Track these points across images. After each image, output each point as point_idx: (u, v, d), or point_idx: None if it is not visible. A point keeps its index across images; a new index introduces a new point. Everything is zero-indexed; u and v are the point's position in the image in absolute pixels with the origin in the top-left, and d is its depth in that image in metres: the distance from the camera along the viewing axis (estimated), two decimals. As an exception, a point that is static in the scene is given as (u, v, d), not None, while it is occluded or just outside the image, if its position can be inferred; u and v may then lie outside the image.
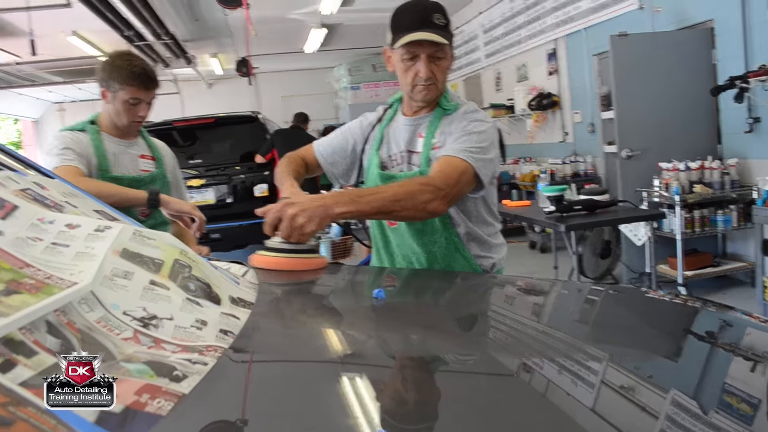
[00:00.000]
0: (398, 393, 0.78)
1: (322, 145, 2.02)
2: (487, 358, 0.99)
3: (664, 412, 0.77)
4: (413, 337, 1.03)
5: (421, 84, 1.76)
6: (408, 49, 1.72)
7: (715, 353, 1.06)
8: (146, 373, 0.67)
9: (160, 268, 0.92)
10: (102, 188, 2.09)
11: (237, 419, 0.67)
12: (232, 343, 0.81)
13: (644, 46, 5.49)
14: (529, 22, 8.32)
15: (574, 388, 0.85)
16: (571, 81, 7.62)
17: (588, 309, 1.41)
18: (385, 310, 1.17)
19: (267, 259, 1.42)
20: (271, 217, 1.43)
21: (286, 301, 1.26)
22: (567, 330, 1.20)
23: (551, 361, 0.95)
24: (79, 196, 1.29)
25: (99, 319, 0.76)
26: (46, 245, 0.87)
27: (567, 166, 7.26)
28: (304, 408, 0.69)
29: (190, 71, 12.94)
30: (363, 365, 0.86)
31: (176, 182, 2.60)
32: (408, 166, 1.85)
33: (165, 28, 8.94)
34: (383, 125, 1.93)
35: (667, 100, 5.44)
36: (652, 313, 1.31)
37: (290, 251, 1.42)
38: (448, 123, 1.81)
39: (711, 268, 5.21)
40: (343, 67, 13.81)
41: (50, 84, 12.78)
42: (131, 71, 2.26)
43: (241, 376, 0.77)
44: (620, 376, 0.90)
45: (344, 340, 0.98)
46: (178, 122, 7.67)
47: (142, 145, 2.48)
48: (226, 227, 6.96)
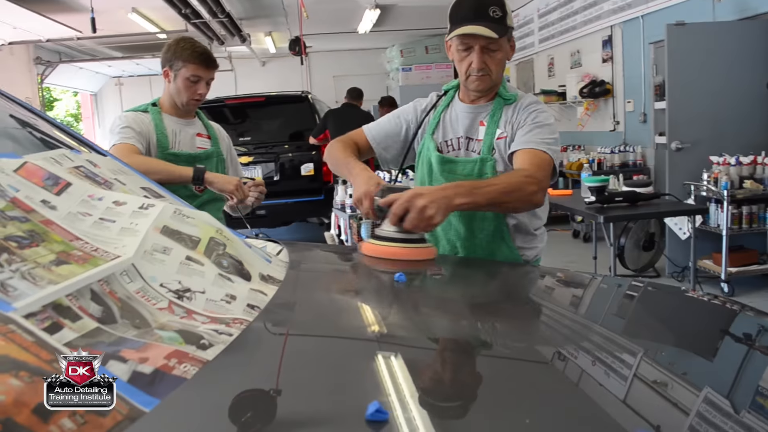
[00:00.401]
0: (410, 370, 0.84)
1: (374, 130, 2.03)
2: (506, 346, 1.04)
3: (694, 408, 0.81)
4: (427, 320, 1.09)
5: (474, 75, 1.81)
6: (462, 41, 1.78)
7: (745, 355, 1.09)
8: (176, 341, 0.75)
9: (197, 245, 1.00)
10: (150, 165, 2.21)
11: (262, 388, 0.74)
12: (257, 317, 0.88)
13: (701, 36, 5.36)
14: (585, 7, 8.17)
15: (589, 379, 0.89)
16: (625, 69, 7.47)
17: (611, 305, 1.44)
18: (405, 293, 1.23)
19: (383, 248, 1.45)
20: (401, 207, 1.43)
21: (313, 279, 1.33)
22: (587, 324, 1.24)
23: (566, 353, 1.00)
24: (128, 173, 1.38)
25: (138, 289, 0.84)
26: (94, 220, 0.96)
27: (616, 156, 7.15)
28: (316, 378, 0.76)
29: (245, 49, 13.11)
30: (376, 342, 0.92)
31: (232, 160, 2.75)
32: (466, 152, 1.89)
33: (221, 6, 9.09)
34: (439, 111, 1.96)
35: (722, 93, 5.31)
36: (682, 312, 1.33)
37: (404, 240, 1.45)
38: (511, 113, 1.86)
39: (756, 265, 5.10)
40: (396, 49, 13.79)
41: (109, 59, 13.13)
42: (194, 50, 2.44)
43: (262, 346, 0.85)
44: (644, 370, 0.94)
45: (361, 318, 1.05)
46: (230, 100, 7.83)
47: (198, 125, 2.63)
48: (271, 204, 7.10)
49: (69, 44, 11.59)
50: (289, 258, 1.29)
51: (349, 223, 5.04)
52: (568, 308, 1.38)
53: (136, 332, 0.75)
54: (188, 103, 2.49)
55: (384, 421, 0.60)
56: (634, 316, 1.32)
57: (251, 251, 1.13)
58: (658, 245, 5.75)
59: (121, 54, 12.94)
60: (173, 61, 2.46)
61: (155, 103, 2.54)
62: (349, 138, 2.00)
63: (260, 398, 0.70)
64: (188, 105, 2.50)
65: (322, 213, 7.47)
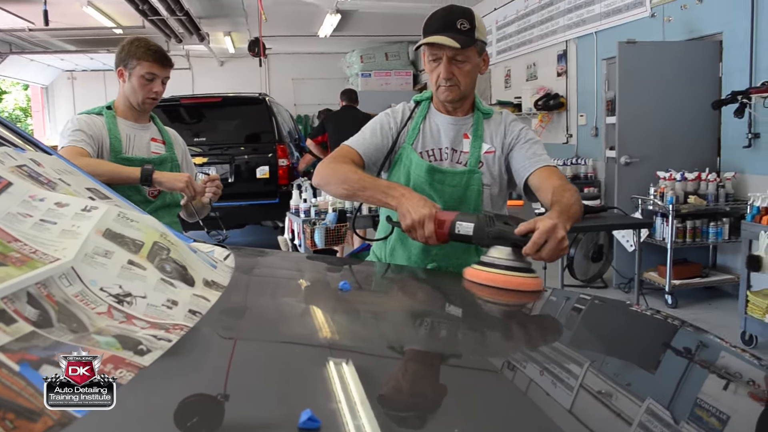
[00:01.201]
0: (349, 376, 0.85)
1: (363, 145, 1.95)
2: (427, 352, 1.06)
3: (637, 418, 0.84)
4: (361, 328, 1.10)
5: (443, 85, 1.86)
6: (431, 51, 1.84)
7: (685, 368, 1.13)
8: (113, 346, 0.75)
9: (140, 249, 1.00)
10: (97, 167, 2.18)
11: (199, 394, 0.75)
12: (197, 322, 0.88)
13: (651, 55, 5.53)
14: (542, 21, 8.34)
15: (536, 388, 0.92)
16: (579, 83, 7.65)
17: (559, 317, 1.48)
18: (347, 301, 1.25)
19: (502, 277, 1.42)
20: (542, 238, 1.40)
21: (257, 285, 1.33)
22: (519, 332, 1.27)
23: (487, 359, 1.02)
24: (74, 173, 1.36)
25: (77, 293, 0.83)
26: (35, 221, 0.94)
27: (568, 168, 7.30)
28: (250, 383, 0.76)
29: (203, 48, 12.96)
30: (316, 348, 0.93)
31: (188, 165, 2.71)
32: (451, 163, 1.93)
33: (180, 3, 8.98)
34: (417, 121, 1.97)
35: (670, 110, 5.49)
36: (626, 326, 1.38)
37: (520, 270, 1.42)
38: (495, 129, 1.95)
39: (699, 278, 5.28)
40: (356, 54, 13.83)
41: (62, 52, 12.83)
42: (149, 48, 2.42)
43: (201, 352, 0.85)
44: (590, 381, 0.97)
45: (302, 324, 1.06)
46: (186, 99, 7.73)
47: (153, 129, 2.59)
48: (225, 206, 7.04)
49: (20, 35, 11.28)
50: (235, 263, 1.29)
51: (303, 227, 5.03)
52: (515, 320, 1.41)
53: (73, 336, 0.74)
54: (144, 102, 2.44)
55: (316, 429, 0.61)
56: (579, 329, 1.36)
57: (196, 256, 1.12)
58: (606, 257, 5.89)
59: (74, 48, 12.65)
60: (127, 59, 2.43)
61: (110, 106, 2.49)
62: (343, 156, 1.90)
63: (195, 404, 0.70)
64: (144, 104, 2.45)
65: (276, 216, 7.43)
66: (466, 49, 1.81)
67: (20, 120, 19.47)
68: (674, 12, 5.84)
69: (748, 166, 5.11)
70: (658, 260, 5.30)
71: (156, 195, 2.44)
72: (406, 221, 1.58)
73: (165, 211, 2.44)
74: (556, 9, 7.93)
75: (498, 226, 1.46)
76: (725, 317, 4.84)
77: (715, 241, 5.21)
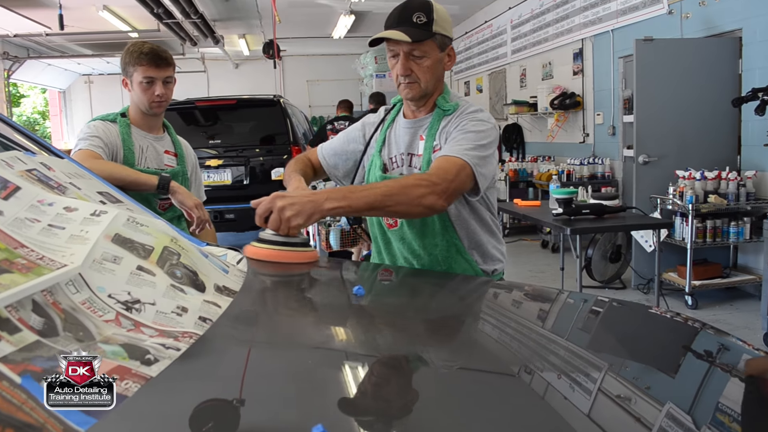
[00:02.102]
0: (362, 386, 0.83)
1: (324, 148, 2.03)
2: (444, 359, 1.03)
3: (657, 423, 0.81)
4: (379, 334, 1.07)
5: (402, 82, 1.79)
6: (389, 47, 1.76)
7: (706, 371, 1.10)
8: (120, 355, 0.73)
9: (150, 254, 0.97)
10: (114, 171, 2.16)
11: (208, 404, 0.72)
12: (207, 330, 0.86)
13: (669, 52, 5.45)
14: (557, 20, 8.27)
15: (554, 393, 0.89)
16: (595, 82, 7.58)
17: (576, 320, 1.44)
18: (360, 307, 1.22)
19: (258, 250, 1.44)
20: (263, 208, 1.46)
21: (270, 291, 1.30)
22: (536, 337, 1.23)
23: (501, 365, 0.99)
24: (85, 177, 1.34)
25: (84, 300, 0.81)
26: (42, 227, 0.93)
27: (585, 168, 7.23)
28: (262, 392, 0.73)
29: (218, 51, 13.02)
30: (328, 356, 0.91)
31: (196, 179, 2.68)
32: (408, 168, 1.86)
33: (194, 7, 9.01)
34: (386, 127, 1.94)
35: (689, 108, 5.40)
36: (645, 328, 1.34)
37: (282, 243, 1.44)
38: (449, 123, 1.81)
39: (720, 279, 5.19)
40: (370, 55, 13.79)
41: (79, 56, 12.93)
42: (141, 52, 2.34)
43: (211, 361, 0.82)
44: (608, 385, 0.93)
45: (316, 331, 1.03)
46: (200, 102, 7.75)
47: (167, 141, 2.55)
48: (241, 208, 7.04)
49: (38, 40, 11.39)
50: (247, 268, 1.27)
51: (318, 229, 5.01)
52: (533, 323, 1.37)
53: (79, 345, 0.72)
54: (150, 106, 2.39)
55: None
56: (598, 331, 1.32)
57: (207, 261, 1.10)
58: (624, 257, 5.82)
59: (91, 52, 12.76)
60: (127, 67, 2.38)
61: (124, 113, 2.45)
62: (305, 155, 2.02)
63: (204, 415, 0.68)
64: (152, 109, 2.40)
65: (291, 218, 7.42)
66: (422, 43, 1.72)
67: (38, 124, 19.66)
68: (692, 8, 5.76)
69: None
70: (678, 260, 5.22)
71: (166, 208, 2.42)
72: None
73: (175, 223, 2.42)
74: (571, 7, 7.86)
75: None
76: (747, 318, 4.76)
77: (736, 241, 5.12)
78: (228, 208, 7.03)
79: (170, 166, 2.50)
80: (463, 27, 11.69)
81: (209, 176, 7.16)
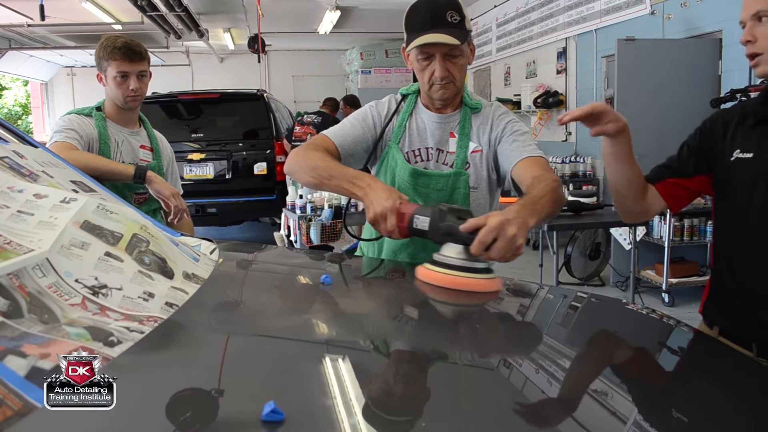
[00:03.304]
0: (298, 368, 0.84)
1: (340, 136, 1.86)
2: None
3: (632, 416, 0.83)
4: (349, 322, 1.09)
5: (437, 83, 1.75)
6: (422, 50, 1.71)
7: (677, 365, 1.12)
8: (83, 337, 0.74)
9: (119, 241, 0.99)
10: (90, 161, 2.16)
11: (169, 385, 0.74)
12: (172, 315, 0.87)
13: (651, 52, 5.51)
14: (541, 19, 8.32)
15: (531, 385, 0.91)
16: (579, 81, 7.63)
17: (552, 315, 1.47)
18: (329, 295, 1.24)
19: (449, 278, 1.29)
20: (489, 236, 1.27)
21: (238, 279, 1.32)
22: (490, 327, 1.25)
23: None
24: (59, 166, 1.35)
25: (51, 284, 0.83)
26: (11, 212, 0.94)
27: (567, 166, 7.29)
28: (223, 377, 0.75)
29: (203, 44, 12.93)
30: (290, 342, 0.92)
31: (172, 173, 2.66)
32: (436, 164, 1.84)
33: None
34: (403, 118, 1.89)
35: (669, 108, 5.46)
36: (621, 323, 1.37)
37: (471, 270, 1.30)
38: (483, 125, 1.83)
39: (696, 277, 5.26)
40: (356, 51, 13.79)
41: (61, 48, 12.80)
42: (114, 46, 2.33)
43: (173, 344, 0.84)
44: (584, 379, 0.96)
45: (281, 318, 1.05)
46: (183, 95, 7.74)
47: (143, 135, 2.54)
48: (223, 202, 7.04)
49: (19, 31, 11.25)
50: (219, 257, 1.28)
51: (299, 224, 5.02)
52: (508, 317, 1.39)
53: (42, 328, 0.73)
54: (125, 101, 2.38)
55: (280, 422, 0.60)
56: (570, 326, 1.34)
57: (177, 249, 1.11)
58: (603, 255, 5.88)
59: (74, 43, 12.63)
60: (101, 62, 2.37)
61: (99, 107, 2.44)
62: (317, 145, 1.80)
63: (163, 397, 0.69)
64: (127, 103, 2.39)
65: (274, 213, 7.44)
66: (462, 43, 1.70)
67: (20, 117, 19.46)
68: (674, 9, 5.82)
69: (746, 164, 5.09)
70: (656, 258, 5.28)
71: (142, 202, 2.41)
72: (369, 214, 1.49)
73: (150, 216, 2.41)
74: (556, 6, 7.90)
75: (449, 221, 1.33)
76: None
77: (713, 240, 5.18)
78: (210, 202, 7.03)
79: (146, 161, 2.48)
80: (448, 24, 11.70)
81: (192, 170, 7.15)
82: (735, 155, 1.55)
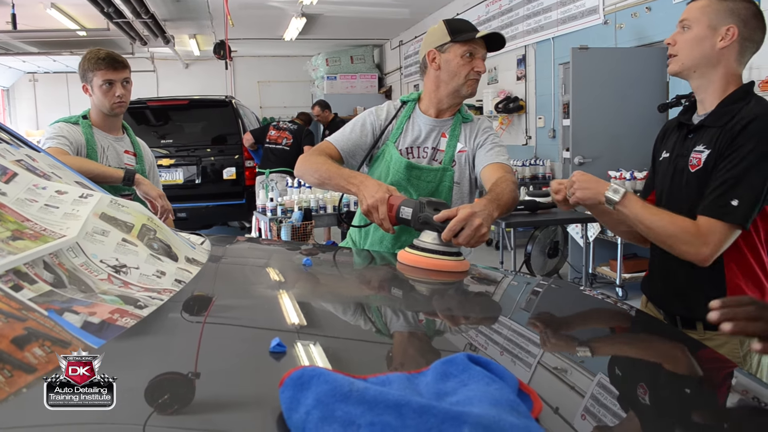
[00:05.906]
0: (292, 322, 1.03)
1: (341, 141, 2.12)
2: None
3: (589, 391, 0.97)
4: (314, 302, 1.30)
5: (473, 78, 2.05)
6: (472, 46, 2.03)
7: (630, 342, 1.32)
8: (117, 302, 0.92)
9: (131, 229, 1.16)
10: (83, 165, 2.32)
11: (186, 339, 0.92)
12: (183, 288, 1.06)
13: (603, 60, 5.82)
14: (502, 27, 8.59)
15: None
16: (537, 87, 7.93)
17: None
18: (306, 277, 1.44)
19: (425, 259, 1.54)
20: (458, 225, 1.52)
21: (231, 262, 1.50)
22: (441, 310, 1.45)
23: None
24: (62, 168, 1.51)
25: (82, 263, 1.00)
26: (40, 206, 1.10)
27: (527, 169, 7.57)
28: (229, 333, 0.94)
29: (168, 50, 12.97)
30: (280, 312, 1.12)
31: (154, 177, 2.85)
32: (429, 161, 2.11)
33: (145, 6, 9.02)
34: (402, 120, 2.15)
35: (621, 112, 5.77)
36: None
37: (446, 253, 1.55)
38: (470, 132, 2.14)
39: (647, 272, 5.54)
40: (321, 57, 13.96)
41: (24, 54, 12.71)
42: (98, 57, 2.54)
43: (187, 309, 1.02)
44: (546, 358, 1.15)
45: (268, 291, 1.24)
46: (152, 101, 7.84)
47: (126, 141, 2.73)
48: (192, 207, 7.15)
49: (-19, 37, 11.17)
50: (210, 246, 1.46)
51: (270, 226, 5.18)
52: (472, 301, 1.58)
53: (83, 295, 0.91)
54: (112, 108, 2.57)
55: (283, 353, 0.79)
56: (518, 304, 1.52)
57: (178, 238, 1.29)
58: (562, 253, 6.15)
59: (37, 50, 12.56)
60: (86, 74, 2.57)
61: (86, 116, 2.63)
62: (321, 150, 2.08)
63: (183, 347, 0.88)
64: (113, 110, 2.58)
65: (243, 217, 7.58)
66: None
67: (-20, 122, 19.10)
68: (626, 19, 6.13)
69: (692, 165, 5.40)
70: (610, 255, 5.57)
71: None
72: (362, 205, 1.74)
73: None
74: (515, 15, 8.20)
75: (426, 212, 1.58)
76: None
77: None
78: (180, 206, 7.14)
79: (130, 165, 2.66)
80: (413, 31, 11.97)
81: (161, 175, 7.25)
82: (662, 156, 1.80)
